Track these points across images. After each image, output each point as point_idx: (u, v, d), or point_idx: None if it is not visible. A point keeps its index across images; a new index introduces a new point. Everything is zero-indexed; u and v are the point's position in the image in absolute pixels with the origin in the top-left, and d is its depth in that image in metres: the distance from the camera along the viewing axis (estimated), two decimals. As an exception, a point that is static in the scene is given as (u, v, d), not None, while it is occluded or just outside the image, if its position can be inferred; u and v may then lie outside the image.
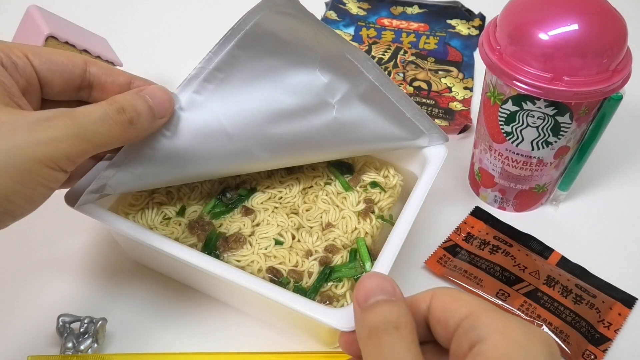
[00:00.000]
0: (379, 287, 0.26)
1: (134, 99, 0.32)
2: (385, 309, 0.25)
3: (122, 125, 0.31)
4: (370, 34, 0.68)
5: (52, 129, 0.28)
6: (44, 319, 0.39)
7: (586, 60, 0.36)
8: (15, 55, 0.30)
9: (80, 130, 0.29)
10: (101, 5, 0.71)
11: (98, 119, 0.30)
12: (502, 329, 0.23)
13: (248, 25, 0.34)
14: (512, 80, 0.38)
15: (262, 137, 0.36)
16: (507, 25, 0.39)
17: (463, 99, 0.59)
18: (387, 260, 0.34)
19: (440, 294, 0.26)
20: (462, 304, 0.25)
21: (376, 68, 0.39)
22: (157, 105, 0.33)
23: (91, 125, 0.29)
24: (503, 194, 0.48)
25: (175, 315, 0.40)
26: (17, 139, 0.27)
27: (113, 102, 0.31)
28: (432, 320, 0.26)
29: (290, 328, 0.39)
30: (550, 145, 0.42)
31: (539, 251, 0.45)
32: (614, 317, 0.41)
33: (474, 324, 0.24)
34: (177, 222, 0.40)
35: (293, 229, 0.40)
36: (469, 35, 0.68)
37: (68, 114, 0.29)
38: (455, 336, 0.25)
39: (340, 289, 0.37)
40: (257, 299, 0.33)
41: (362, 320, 0.26)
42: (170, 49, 0.65)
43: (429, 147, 0.42)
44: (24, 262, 0.43)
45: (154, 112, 0.33)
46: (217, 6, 0.72)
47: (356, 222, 0.40)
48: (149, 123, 0.33)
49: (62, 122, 0.28)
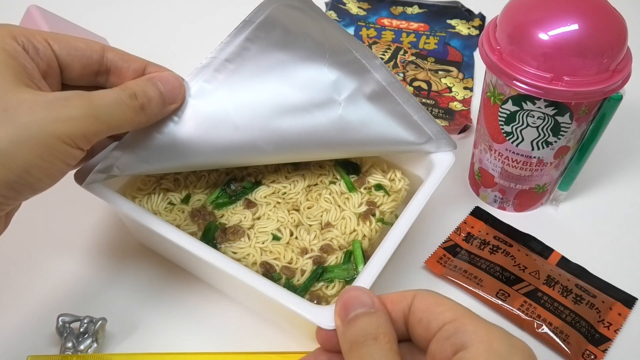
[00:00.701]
0: (358, 300, 0.27)
1: (145, 85, 0.33)
2: (364, 322, 0.27)
3: (134, 110, 0.32)
4: (370, 34, 0.68)
5: (70, 108, 0.29)
6: (43, 319, 0.40)
7: (586, 60, 0.36)
8: (36, 40, 0.31)
9: (96, 112, 0.30)
10: (101, 5, 0.71)
11: (112, 102, 0.31)
12: (485, 338, 0.24)
13: (259, 18, 0.35)
14: (512, 80, 0.38)
15: (268, 129, 0.36)
16: (507, 25, 0.39)
17: (463, 99, 0.59)
18: (378, 263, 0.34)
19: (423, 296, 0.27)
20: (446, 308, 0.26)
21: (383, 68, 0.39)
22: (168, 91, 0.34)
23: (106, 108, 0.31)
24: (503, 194, 0.48)
25: (175, 315, 0.41)
26: (37, 115, 0.28)
27: (126, 87, 0.33)
28: (412, 319, 0.27)
29: (287, 325, 0.39)
30: (550, 145, 0.42)
31: (539, 251, 0.45)
32: (614, 317, 0.41)
33: (458, 330, 0.25)
34: (180, 210, 0.40)
35: (292, 226, 0.40)
36: (469, 35, 0.68)
37: (85, 95, 0.30)
38: (436, 339, 0.26)
39: (331, 290, 0.37)
40: (249, 291, 0.34)
41: (344, 335, 0.27)
42: (170, 49, 0.65)
43: (437, 153, 0.42)
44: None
45: (165, 98, 0.34)
46: (217, 6, 0.72)
47: (355, 224, 0.40)
48: (159, 108, 0.34)
49: (79, 102, 0.30)
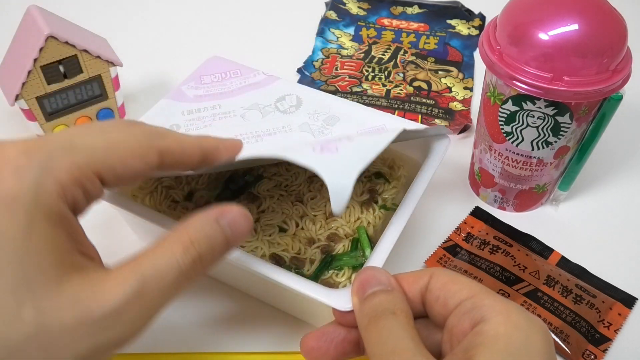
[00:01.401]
0: (375, 279, 0.28)
1: (209, 236, 0.26)
2: (382, 298, 0.27)
3: (191, 279, 0.25)
4: (370, 34, 0.68)
5: (121, 323, 0.23)
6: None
7: (586, 60, 0.36)
8: (88, 181, 0.24)
9: (149, 305, 0.24)
10: (101, 5, 0.71)
11: (166, 285, 0.24)
12: (504, 311, 0.25)
13: None
14: (512, 80, 0.38)
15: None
16: (507, 25, 0.39)
17: (463, 99, 0.59)
18: (386, 246, 0.35)
19: (440, 274, 0.28)
20: (463, 286, 0.27)
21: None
22: (234, 238, 0.27)
23: (158, 295, 0.24)
24: (503, 194, 0.48)
25: (177, 314, 0.40)
26: (80, 345, 0.22)
27: (187, 249, 0.25)
28: (429, 297, 0.28)
29: (301, 314, 0.40)
30: (550, 145, 0.42)
31: (539, 251, 0.45)
32: (614, 317, 0.41)
33: (476, 305, 0.25)
34: (184, 207, 0.40)
35: (297, 217, 0.40)
36: (469, 35, 0.68)
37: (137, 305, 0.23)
38: (454, 314, 0.26)
39: (341, 277, 0.37)
40: (263, 282, 0.34)
41: (362, 310, 0.27)
42: (170, 49, 0.65)
43: (433, 137, 0.42)
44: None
45: (229, 247, 0.27)
46: (217, 6, 0.72)
47: (359, 212, 0.40)
48: (216, 262, 0.27)
49: (132, 314, 0.23)
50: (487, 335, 0.24)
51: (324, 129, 0.42)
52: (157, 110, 0.43)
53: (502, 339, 0.24)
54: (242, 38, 0.67)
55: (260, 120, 0.43)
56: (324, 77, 0.61)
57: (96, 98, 0.51)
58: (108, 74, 0.50)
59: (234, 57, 0.48)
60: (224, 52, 0.52)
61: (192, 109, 0.43)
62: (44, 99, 0.48)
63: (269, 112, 0.43)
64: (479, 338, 0.24)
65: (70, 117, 0.51)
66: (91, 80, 0.50)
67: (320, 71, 0.62)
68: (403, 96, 0.58)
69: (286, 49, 0.66)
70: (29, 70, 0.46)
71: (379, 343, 0.25)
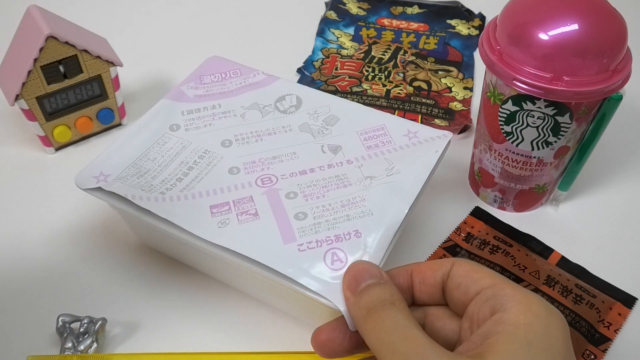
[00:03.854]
0: (367, 272, 0.29)
1: None
2: (378, 290, 0.28)
3: None
4: (370, 34, 0.68)
5: None
6: (43, 319, 0.40)
7: (586, 60, 0.36)
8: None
9: None
10: (101, 5, 0.71)
11: None
12: (524, 301, 0.25)
13: None
14: (512, 80, 0.38)
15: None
16: (507, 25, 0.39)
17: (463, 99, 0.59)
18: (383, 246, 0.34)
19: (462, 263, 0.28)
20: (485, 275, 0.27)
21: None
22: None
23: None
24: (503, 194, 0.48)
25: (177, 314, 0.40)
26: None
27: None
28: (450, 284, 0.28)
29: (298, 311, 0.39)
30: (550, 145, 0.42)
31: (539, 251, 0.45)
32: (614, 317, 0.41)
33: (496, 293, 0.26)
34: None
35: None
36: (469, 35, 0.68)
37: None
38: (475, 301, 0.27)
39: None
40: (258, 278, 0.34)
41: (358, 303, 0.28)
42: (170, 49, 0.65)
43: (433, 137, 0.41)
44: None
45: None
46: (217, 6, 0.72)
47: None
48: None
49: None
50: (507, 323, 0.24)
51: (323, 129, 0.42)
52: (157, 110, 0.43)
53: (522, 328, 0.24)
54: (242, 38, 0.67)
55: (260, 120, 0.43)
56: (324, 77, 0.61)
57: (96, 98, 0.51)
58: (108, 74, 0.50)
59: (234, 57, 0.48)
60: (224, 52, 0.52)
61: (192, 108, 0.43)
62: (44, 99, 0.48)
63: (269, 112, 0.43)
64: (499, 326, 0.25)
65: (70, 117, 0.51)
66: (91, 80, 0.50)
67: (320, 71, 0.62)
68: (403, 96, 0.58)
69: (286, 49, 0.66)
70: (29, 70, 0.46)
71: (386, 332, 0.26)
